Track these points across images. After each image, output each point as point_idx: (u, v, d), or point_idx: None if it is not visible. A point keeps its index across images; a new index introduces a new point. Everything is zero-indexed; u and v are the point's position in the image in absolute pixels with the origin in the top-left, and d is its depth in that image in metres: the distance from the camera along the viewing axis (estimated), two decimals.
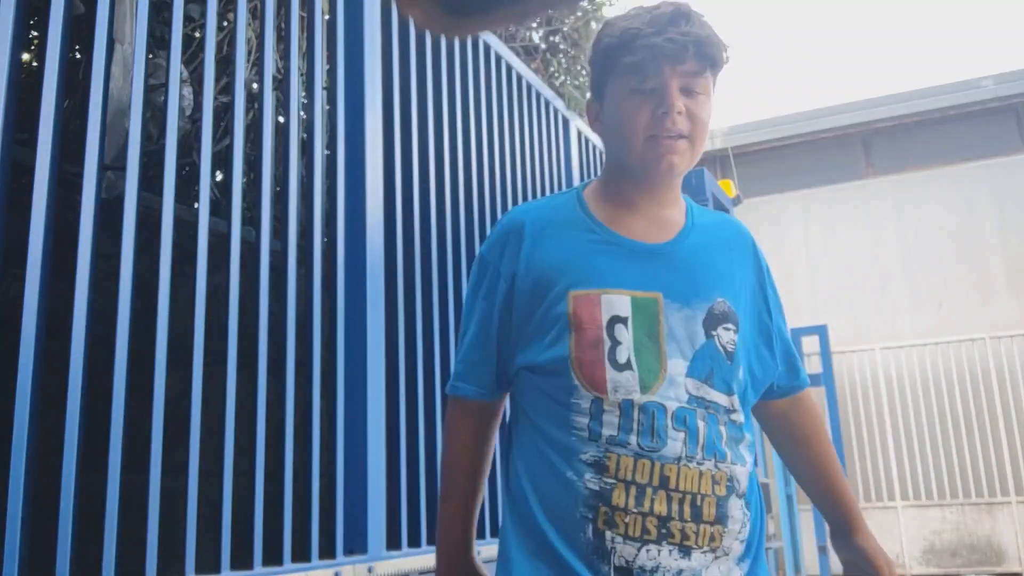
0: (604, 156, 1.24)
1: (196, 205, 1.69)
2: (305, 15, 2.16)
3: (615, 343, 1.11)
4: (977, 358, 8.24)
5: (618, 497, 1.07)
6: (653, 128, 1.14)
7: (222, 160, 2.25)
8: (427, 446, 2.20)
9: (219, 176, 2.42)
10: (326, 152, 2.10)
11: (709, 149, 10.09)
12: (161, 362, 1.54)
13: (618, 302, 1.13)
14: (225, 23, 2.39)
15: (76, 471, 1.36)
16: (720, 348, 1.15)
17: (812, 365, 7.74)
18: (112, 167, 1.92)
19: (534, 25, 4.30)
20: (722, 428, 1.13)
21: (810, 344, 7.64)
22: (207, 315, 1.64)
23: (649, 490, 1.07)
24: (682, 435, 1.10)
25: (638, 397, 1.10)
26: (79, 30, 1.71)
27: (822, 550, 6.69)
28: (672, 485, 1.08)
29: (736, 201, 5.58)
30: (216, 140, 2.30)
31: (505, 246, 1.21)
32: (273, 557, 1.69)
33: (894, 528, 8.17)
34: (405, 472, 2.10)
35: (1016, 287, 8.55)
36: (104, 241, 1.52)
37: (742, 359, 1.18)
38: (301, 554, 1.75)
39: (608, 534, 1.07)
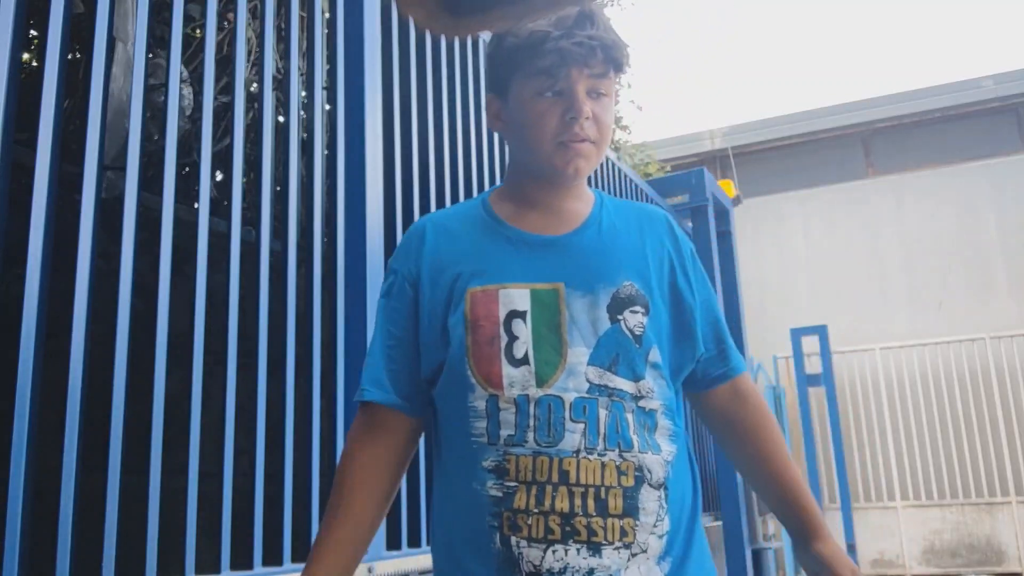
0: (508, 157, 1.24)
1: (196, 205, 1.69)
2: (305, 15, 2.16)
3: (512, 338, 1.10)
4: (977, 358, 8.24)
5: (519, 499, 1.05)
6: (561, 134, 1.14)
7: (222, 160, 2.25)
8: (426, 446, 2.20)
9: (219, 176, 2.43)
10: (326, 152, 2.10)
11: (709, 149, 10.12)
12: (161, 362, 1.54)
13: (516, 296, 1.12)
14: (225, 23, 2.39)
15: (76, 471, 1.36)
16: (627, 332, 1.12)
17: (812, 365, 7.74)
18: (112, 167, 1.92)
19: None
20: (629, 416, 1.09)
21: (810, 344, 7.63)
22: (207, 315, 1.64)
23: (549, 488, 1.04)
24: (581, 426, 1.07)
25: (534, 392, 1.08)
26: (79, 30, 1.71)
27: None
28: (573, 480, 1.04)
29: (736, 201, 5.57)
30: (216, 140, 2.30)
31: (408, 251, 1.21)
32: (273, 557, 1.70)
33: (894, 528, 8.17)
34: (405, 472, 2.10)
35: (1016, 287, 8.55)
36: (104, 241, 1.53)
37: (653, 342, 1.14)
38: (301, 554, 1.75)
39: (513, 539, 1.05)
